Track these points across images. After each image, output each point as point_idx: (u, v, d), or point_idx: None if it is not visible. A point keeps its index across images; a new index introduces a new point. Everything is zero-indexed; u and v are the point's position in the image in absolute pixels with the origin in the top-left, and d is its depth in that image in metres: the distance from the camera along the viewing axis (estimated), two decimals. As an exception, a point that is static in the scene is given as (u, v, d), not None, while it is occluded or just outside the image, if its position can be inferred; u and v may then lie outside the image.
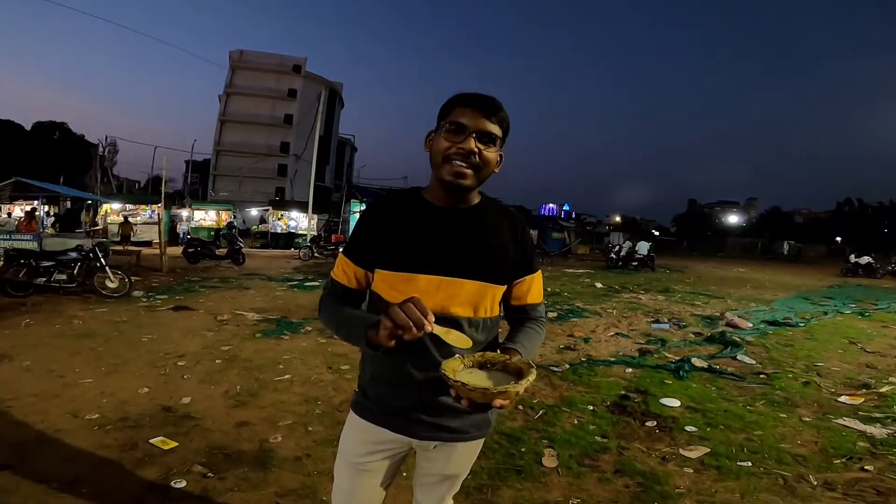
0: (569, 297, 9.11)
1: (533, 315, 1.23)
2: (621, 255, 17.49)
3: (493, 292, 1.13)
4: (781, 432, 2.99)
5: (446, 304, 1.08)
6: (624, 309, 7.81)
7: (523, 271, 1.19)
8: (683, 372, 4.16)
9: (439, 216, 1.12)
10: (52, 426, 2.66)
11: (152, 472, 2.25)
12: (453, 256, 1.09)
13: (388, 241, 1.11)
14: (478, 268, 1.10)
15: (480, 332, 1.13)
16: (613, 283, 11.91)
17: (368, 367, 1.22)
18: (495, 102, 1.07)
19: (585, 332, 5.99)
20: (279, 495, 2.13)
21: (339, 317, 1.12)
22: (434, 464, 1.27)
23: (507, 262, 1.15)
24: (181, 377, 3.67)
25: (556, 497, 2.22)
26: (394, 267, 1.10)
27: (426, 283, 1.08)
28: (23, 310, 5.72)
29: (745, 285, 12.26)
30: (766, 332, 6.08)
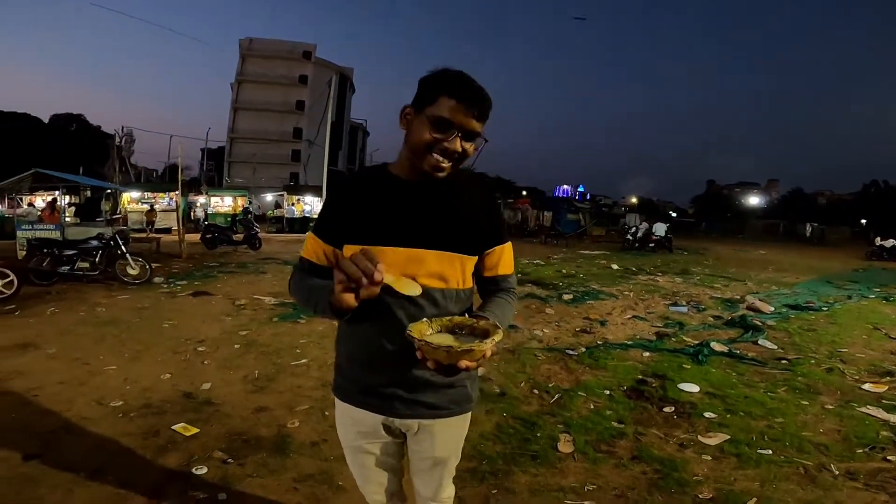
0: (584, 278, 9.01)
1: (504, 286, 1.22)
2: (638, 236, 17.22)
3: (464, 263, 1.13)
4: (803, 420, 2.92)
5: (417, 275, 1.07)
6: (641, 291, 7.69)
7: (493, 241, 1.18)
8: (702, 356, 4.09)
9: (407, 189, 1.11)
10: (78, 414, 2.73)
11: (174, 459, 2.30)
12: (420, 228, 1.09)
13: (355, 215, 1.11)
14: (446, 238, 1.09)
15: (454, 304, 1.13)
16: (630, 264, 11.75)
17: (342, 345, 1.23)
18: (485, 100, 1.04)
19: (601, 314, 5.92)
20: (297, 481, 2.16)
21: (306, 290, 1.11)
22: (422, 446, 1.27)
23: (476, 232, 1.14)
24: (201, 363, 3.74)
25: (571, 483, 2.21)
26: (360, 240, 1.08)
27: (393, 256, 1.07)
28: (48, 298, 5.87)
29: (767, 268, 11.98)
30: (789, 317, 5.93)
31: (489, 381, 3.50)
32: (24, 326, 4.58)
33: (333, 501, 2.04)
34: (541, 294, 6.99)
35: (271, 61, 38.50)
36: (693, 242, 22.54)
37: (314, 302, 1.06)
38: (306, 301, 1.10)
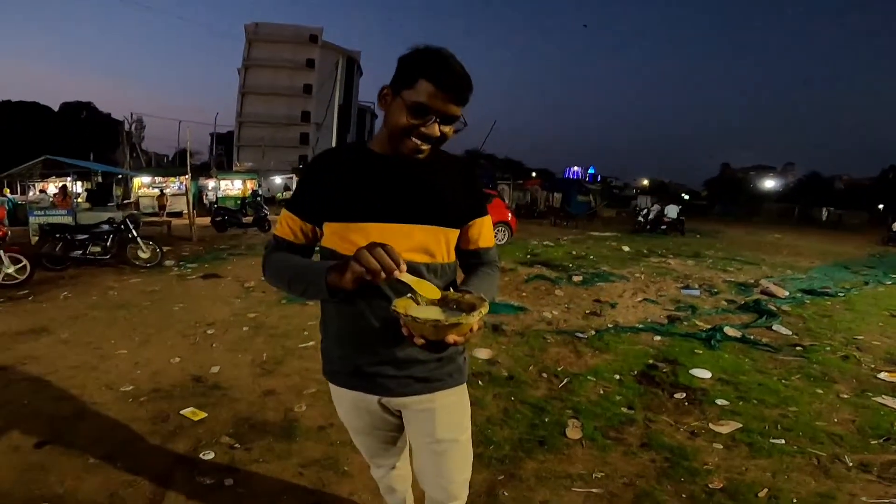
0: (594, 260, 8.90)
1: (486, 259, 1.23)
2: (649, 218, 16.95)
3: (447, 236, 1.12)
4: (817, 409, 2.85)
5: (401, 251, 1.04)
6: (652, 274, 7.57)
7: (474, 214, 1.18)
8: (715, 341, 4.02)
9: (387, 165, 1.09)
10: (89, 399, 2.75)
11: (182, 444, 2.32)
12: (404, 203, 1.08)
13: (336, 192, 1.09)
14: (429, 212, 1.09)
15: (439, 278, 1.13)
16: (641, 246, 11.58)
17: (328, 326, 1.21)
18: (465, 84, 1.02)
19: (612, 297, 5.84)
20: (302, 466, 2.17)
21: (291, 269, 1.08)
22: (422, 426, 1.23)
23: (457, 205, 1.14)
24: (210, 346, 3.77)
25: (579, 470, 2.19)
26: (343, 218, 1.08)
27: (378, 232, 1.06)
28: (61, 283, 5.94)
29: (781, 251, 11.73)
30: (804, 302, 5.80)
31: (497, 364, 3.48)
32: (37, 311, 4.64)
33: (338, 487, 2.03)
34: (550, 275, 6.92)
35: (278, 46, 38.30)
36: (706, 225, 22.18)
37: (303, 284, 1.04)
38: (291, 282, 1.07)
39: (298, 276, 1.05)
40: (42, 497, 1.85)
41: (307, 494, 1.97)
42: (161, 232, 10.87)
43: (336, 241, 1.10)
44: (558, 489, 2.04)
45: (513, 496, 1.99)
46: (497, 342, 3.97)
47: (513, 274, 6.96)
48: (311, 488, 2.01)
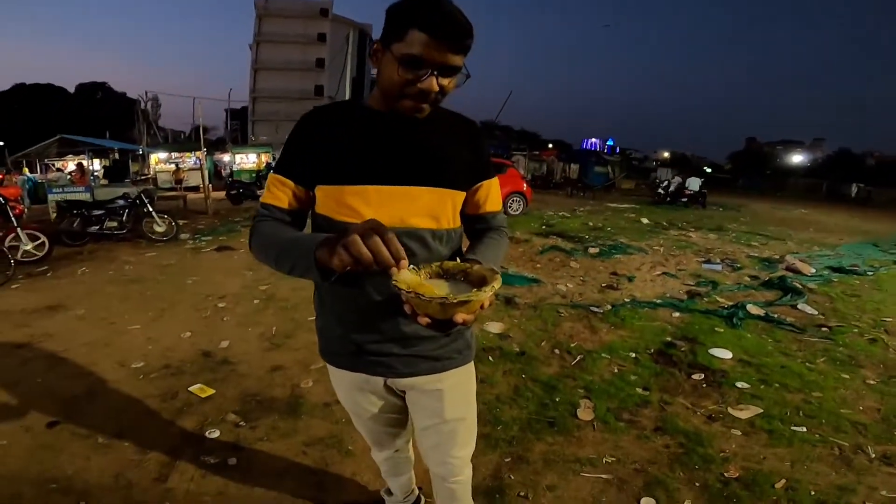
0: (612, 231, 8.68)
1: (493, 224, 1.15)
2: (670, 190, 16.48)
3: (453, 199, 1.05)
4: (842, 395, 2.71)
5: (404, 216, 0.99)
6: (672, 247, 7.34)
7: (480, 176, 1.10)
8: (737, 319, 3.86)
9: (387, 122, 0.99)
10: (101, 377, 2.77)
11: (190, 422, 2.32)
12: (405, 163, 0.99)
13: (330, 152, 0.98)
14: (433, 174, 1.00)
15: (445, 246, 1.05)
16: (661, 218, 11.27)
17: (324, 303, 1.13)
18: (463, 29, 0.90)
19: (629, 270, 5.68)
20: (306, 444, 2.15)
21: (277, 243, 0.94)
22: (429, 407, 1.17)
23: (463, 166, 1.06)
24: (221, 319, 3.78)
25: (588, 454, 2.12)
26: (338, 180, 0.98)
27: (377, 196, 0.97)
28: (79, 258, 6.03)
29: (808, 228, 11.25)
30: (831, 280, 5.53)
31: (509, 338, 3.41)
32: (54, 287, 4.71)
33: (341, 466, 2.01)
34: (565, 247, 6.77)
35: (288, 20, 37.88)
36: (729, 199, 21.48)
37: (289, 261, 0.89)
38: (278, 256, 0.93)
39: (285, 251, 0.91)
40: (52, 478, 1.86)
41: (310, 475, 1.95)
42: (177, 206, 10.98)
43: (331, 207, 0.99)
44: (566, 474, 1.98)
45: (518, 479, 1.94)
46: (509, 315, 3.90)
47: (527, 245, 6.84)
48: (314, 468, 1.99)
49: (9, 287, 4.59)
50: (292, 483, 1.91)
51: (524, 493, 1.87)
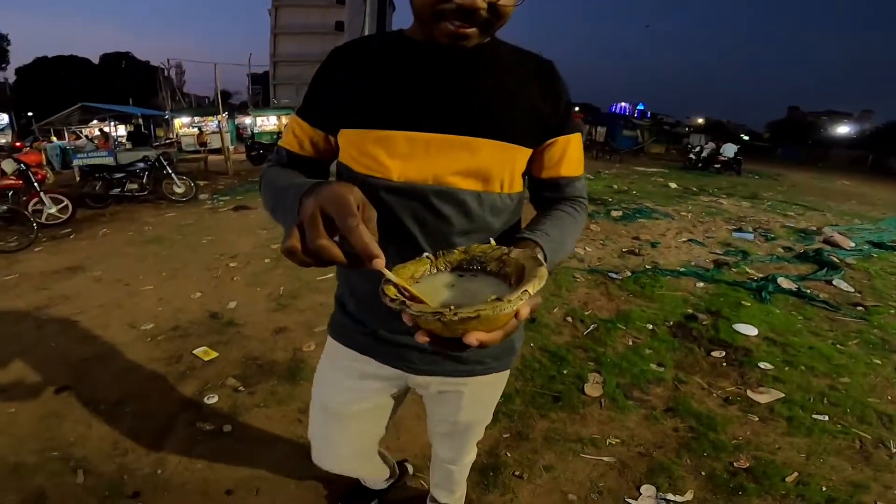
0: (637, 195, 8.34)
1: (567, 193, 0.88)
2: (702, 155, 15.72)
3: (514, 157, 0.80)
4: (871, 383, 2.51)
5: (440, 172, 0.77)
6: (701, 213, 6.99)
7: (553, 130, 0.83)
8: (767, 293, 3.63)
9: (424, 54, 0.77)
10: (111, 339, 2.80)
11: (190, 387, 2.31)
12: (449, 105, 0.75)
13: (354, 90, 0.78)
14: (487, 121, 0.76)
15: (494, 215, 0.82)
16: (691, 184, 10.77)
17: (341, 272, 0.96)
18: None
19: (653, 235, 5.44)
20: (302, 412, 2.12)
21: (275, 190, 0.73)
22: (443, 407, 1.06)
23: (529, 115, 0.79)
24: (231, 279, 3.80)
25: (592, 434, 2.02)
26: (361, 122, 0.77)
27: (407, 144, 0.75)
28: (102, 220, 6.15)
29: (850, 200, 10.55)
30: (870, 255, 5.15)
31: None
32: (75, 249, 4.80)
33: (336, 438, 1.97)
34: (586, 208, 6.60)
35: (306, -17, 37.47)
36: (766, 167, 20.41)
37: (282, 213, 0.67)
38: (274, 211, 0.73)
39: (279, 201, 0.70)
40: (54, 446, 1.88)
41: (302, 444, 1.92)
42: (198, 167, 11.15)
43: (352, 156, 0.80)
44: (565, 454, 1.90)
45: (515, 457, 1.87)
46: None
47: (546, 205, 6.68)
48: (307, 438, 1.95)
49: (32, 250, 4.69)
50: (284, 451, 1.88)
51: (519, 472, 1.79)
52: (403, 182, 0.77)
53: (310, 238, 0.48)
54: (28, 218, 4.91)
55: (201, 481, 1.72)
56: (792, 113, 74.62)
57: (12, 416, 2.06)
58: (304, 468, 1.79)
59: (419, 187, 0.77)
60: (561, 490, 1.72)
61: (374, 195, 0.76)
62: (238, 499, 1.65)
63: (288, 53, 14.65)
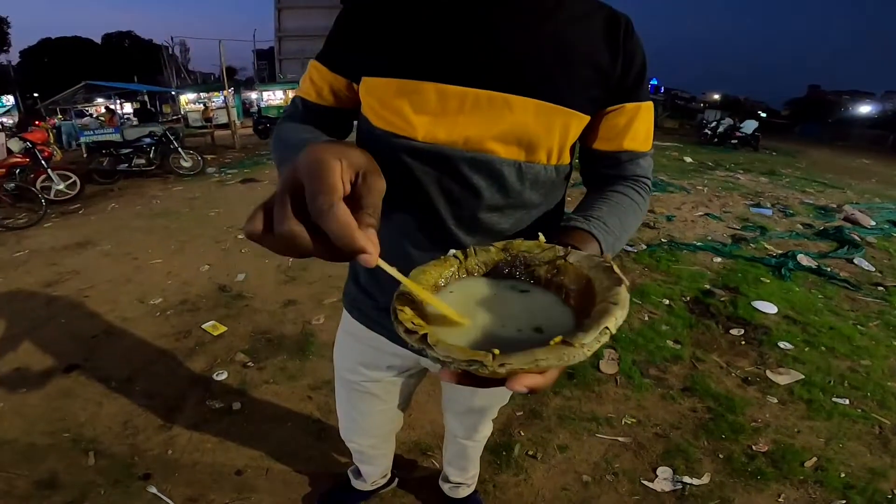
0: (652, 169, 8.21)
1: (629, 171, 0.74)
2: (718, 131, 15.28)
3: (568, 123, 0.66)
4: (892, 366, 2.43)
5: (475, 134, 0.64)
6: (717, 188, 6.82)
7: (621, 94, 0.69)
8: (786, 270, 3.53)
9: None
10: (121, 315, 2.79)
11: (199, 363, 2.30)
12: (496, 55, 0.62)
13: (384, 30, 0.66)
14: (542, 77, 0.63)
15: (536, 191, 0.71)
16: (706, 159, 10.52)
17: None
18: None
19: (668, 208, 5.33)
20: (312, 388, 2.10)
21: (284, 146, 0.66)
22: (458, 390, 1.03)
23: (595, 75, 0.66)
24: (240, 251, 3.79)
25: (607, 412, 1.98)
26: (387, 70, 0.65)
27: (439, 99, 0.63)
28: (110, 195, 6.14)
29: (871, 178, 10.21)
30: (891, 235, 4.99)
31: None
32: (85, 224, 4.80)
33: (346, 415, 1.95)
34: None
35: (309, -43, 36.85)
36: (784, 144, 19.88)
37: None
38: (282, 164, 0.65)
39: (283, 161, 0.64)
40: (65, 427, 1.87)
41: (312, 422, 1.90)
42: (205, 142, 11.15)
43: (373, 108, 0.68)
44: (580, 433, 1.86)
45: (529, 436, 1.84)
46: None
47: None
48: (316, 416, 1.94)
49: (41, 226, 4.70)
50: (293, 430, 1.86)
51: (533, 451, 1.76)
52: (430, 144, 0.66)
53: (276, 220, 0.35)
54: (37, 195, 4.93)
55: (211, 461, 1.70)
56: (812, 91, 72.80)
57: (24, 396, 2.06)
58: (313, 447, 1.78)
59: (448, 152, 0.66)
60: (575, 471, 1.69)
61: (393, 157, 0.67)
62: (248, 479, 1.63)
63: (293, 28, 14.36)
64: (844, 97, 70.09)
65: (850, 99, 67.88)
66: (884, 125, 45.27)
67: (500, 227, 0.71)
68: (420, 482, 1.62)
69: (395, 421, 1.17)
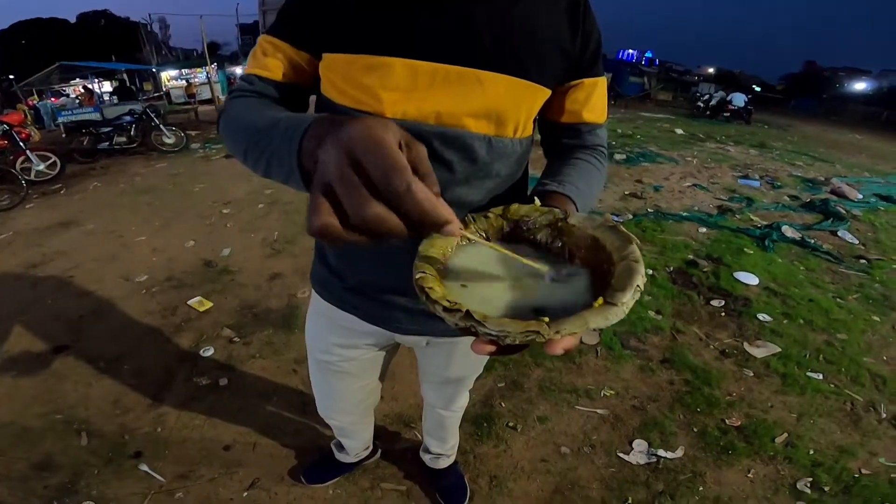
0: (642, 139, 8.21)
1: (588, 141, 0.77)
2: (711, 104, 15.27)
3: (533, 98, 0.69)
4: (868, 341, 2.48)
5: (448, 111, 0.65)
6: (706, 159, 6.86)
7: (580, 69, 0.72)
8: (770, 241, 3.58)
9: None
10: (107, 294, 2.77)
11: (186, 339, 2.31)
12: (466, 31, 0.63)
13: (351, 6, 0.64)
14: (511, 53, 0.64)
15: (503, 162, 0.72)
16: (698, 131, 10.51)
17: None
18: None
19: (657, 179, 5.36)
20: (297, 362, 2.12)
21: (250, 126, 0.57)
22: (432, 361, 1.04)
23: (554, 50, 0.68)
24: (225, 226, 3.77)
25: (587, 384, 2.02)
26: (352, 46, 0.64)
27: (407, 74, 0.62)
28: (92, 174, 6.02)
29: (860, 153, 10.25)
30: (877, 208, 5.04)
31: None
32: (67, 204, 4.71)
33: (331, 389, 1.98)
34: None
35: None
36: (777, 118, 19.82)
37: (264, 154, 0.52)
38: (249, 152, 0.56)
39: (258, 139, 0.53)
40: (57, 409, 1.88)
41: (297, 396, 1.93)
42: (188, 118, 10.96)
43: (336, 86, 0.67)
44: (560, 405, 1.90)
45: (509, 407, 1.88)
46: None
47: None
48: (301, 389, 1.96)
49: (24, 207, 4.61)
50: (280, 403, 1.89)
51: (513, 423, 1.80)
52: (399, 120, 0.64)
53: (355, 206, 0.32)
54: (17, 176, 4.86)
55: (199, 438, 1.73)
56: (808, 67, 72.33)
57: (15, 380, 2.05)
58: (299, 420, 1.81)
59: (418, 127, 0.65)
60: (554, 442, 1.74)
61: None
62: (236, 454, 1.66)
63: (277, 2, 13.87)
64: (840, 73, 69.73)
65: (845, 76, 67.53)
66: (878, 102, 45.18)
67: (469, 199, 0.71)
68: (402, 453, 1.66)
69: (373, 395, 1.19)
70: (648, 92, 22.86)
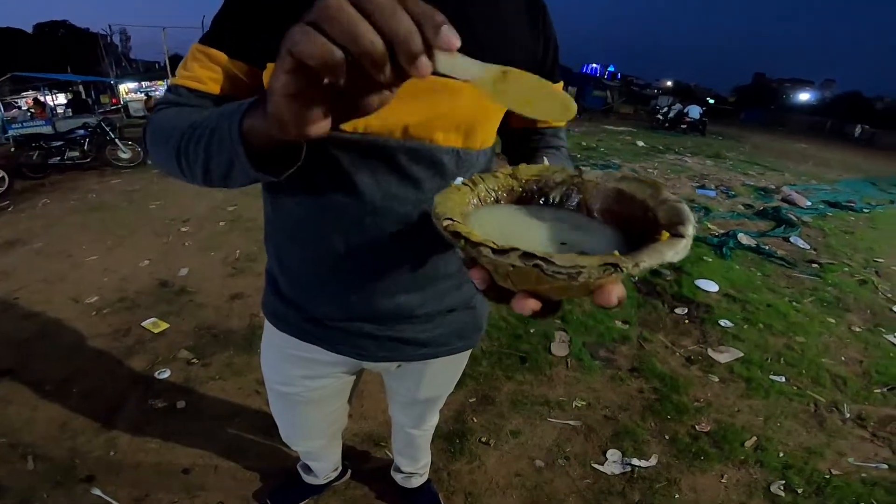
0: (605, 152, 8.50)
1: (553, 143, 0.77)
2: (669, 116, 15.92)
3: (499, 107, 0.65)
4: (826, 343, 2.59)
5: (416, 123, 0.60)
6: (666, 170, 7.17)
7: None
8: (727, 249, 3.73)
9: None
10: (55, 315, 2.60)
11: (140, 362, 2.18)
12: None
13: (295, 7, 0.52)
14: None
15: (466, 174, 0.67)
16: (658, 143, 10.94)
17: (274, 241, 0.77)
18: None
19: None
20: (260, 382, 2.02)
21: (180, 127, 0.52)
22: (402, 383, 1.00)
23: (524, 58, 0.66)
24: (183, 244, 3.61)
25: (559, 396, 2.02)
26: None
27: None
28: (42, 190, 5.70)
29: (807, 161, 10.92)
30: (826, 214, 5.36)
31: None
32: (14, 222, 4.42)
33: (296, 409, 1.90)
34: (552, 164, 6.66)
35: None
36: (729, 129, 20.87)
37: (200, 146, 0.48)
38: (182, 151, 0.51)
39: (194, 134, 0.49)
40: (1, 433, 1.75)
41: (260, 417, 1.84)
42: None
43: None
44: (532, 418, 1.89)
45: (481, 422, 1.85)
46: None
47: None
48: (265, 410, 1.87)
49: (-34, 224, 4.32)
50: (242, 425, 1.80)
51: (486, 438, 1.77)
52: (362, 135, 0.60)
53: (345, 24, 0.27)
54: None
55: (156, 461, 1.63)
56: (758, 79, 76.76)
57: None
58: (264, 442, 1.73)
59: (382, 142, 0.60)
60: (528, 456, 1.71)
61: (318, 151, 0.59)
62: (197, 477, 1.57)
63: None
64: (786, 84, 74.18)
65: (790, 87, 71.88)
66: (822, 112, 48.34)
67: None
68: (373, 473, 1.60)
69: (340, 420, 1.13)
70: (611, 105, 23.65)
